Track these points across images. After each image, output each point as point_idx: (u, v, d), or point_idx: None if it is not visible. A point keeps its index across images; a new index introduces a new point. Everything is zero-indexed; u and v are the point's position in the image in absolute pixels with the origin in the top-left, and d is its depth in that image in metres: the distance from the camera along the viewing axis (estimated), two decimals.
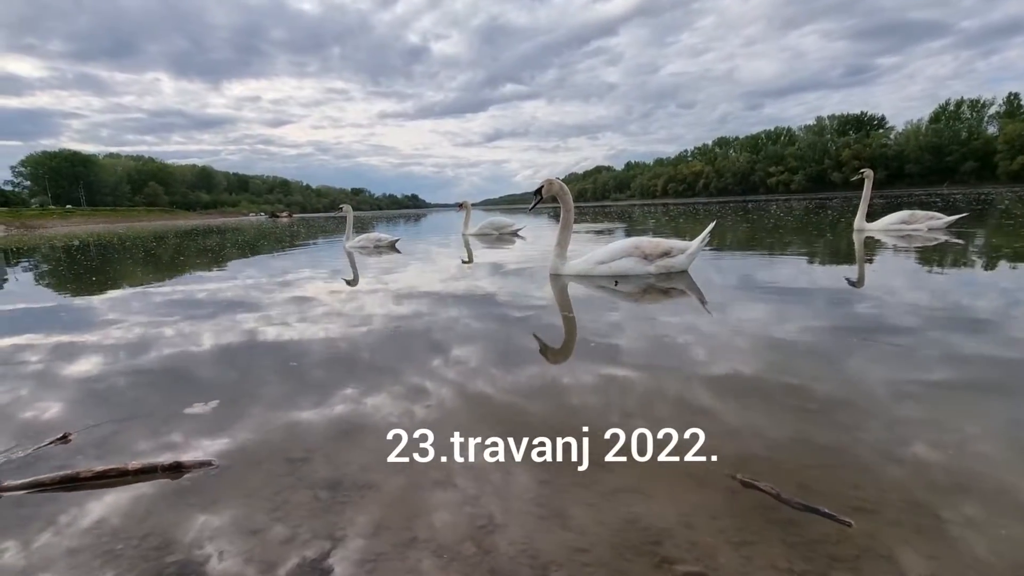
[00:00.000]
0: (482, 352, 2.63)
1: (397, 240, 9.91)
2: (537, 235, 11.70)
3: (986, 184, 65.92)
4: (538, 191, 4.90)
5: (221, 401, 2.11)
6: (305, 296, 4.57)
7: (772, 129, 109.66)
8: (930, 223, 8.59)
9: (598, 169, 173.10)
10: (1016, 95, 76.41)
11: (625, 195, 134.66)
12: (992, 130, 74.99)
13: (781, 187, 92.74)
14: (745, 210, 22.69)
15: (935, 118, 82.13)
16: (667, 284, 4.42)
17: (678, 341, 2.69)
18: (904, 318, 2.97)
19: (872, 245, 6.91)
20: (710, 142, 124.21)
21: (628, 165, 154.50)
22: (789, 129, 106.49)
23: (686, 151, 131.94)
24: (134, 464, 1.57)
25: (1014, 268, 4.77)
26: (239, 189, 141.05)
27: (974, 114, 79.72)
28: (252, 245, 13.11)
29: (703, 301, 3.72)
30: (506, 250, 8.46)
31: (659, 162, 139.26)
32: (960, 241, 6.96)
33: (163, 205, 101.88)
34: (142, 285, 5.97)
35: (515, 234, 11.71)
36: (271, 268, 7.21)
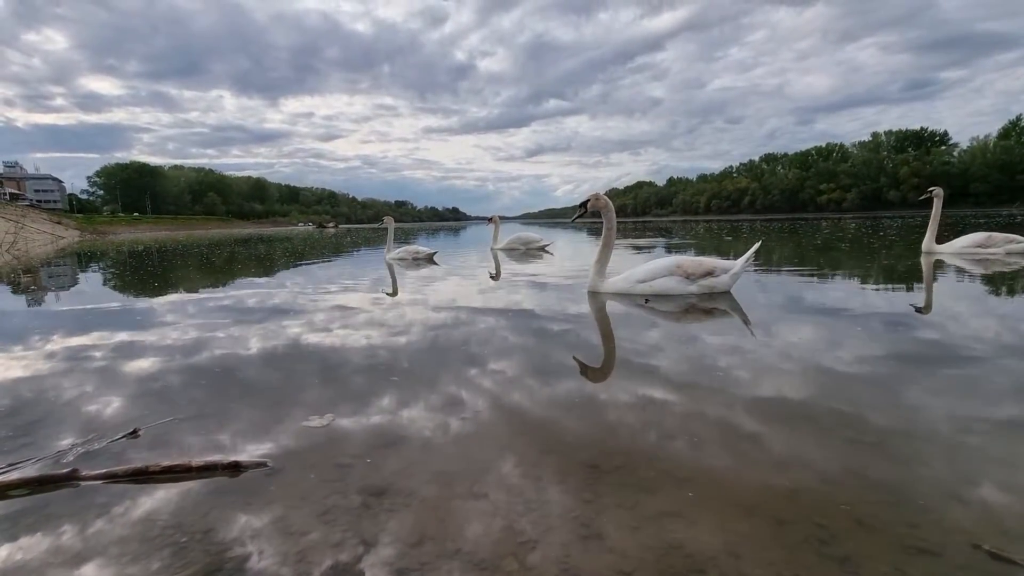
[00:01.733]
0: (518, 366, 2.64)
1: (435, 253, 10.09)
2: (565, 252, 11.58)
3: None
4: (584, 204, 4.90)
5: (272, 404, 2.20)
6: (348, 305, 4.72)
7: (824, 145, 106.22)
8: (1010, 247, 7.87)
9: (639, 184, 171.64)
10: None
11: (667, 211, 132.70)
12: None
13: (832, 205, 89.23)
14: (793, 228, 21.92)
15: (1004, 134, 77.41)
16: (710, 304, 4.31)
17: (723, 363, 2.62)
18: (973, 347, 2.79)
19: (943, 268, 6.45)
20: (757, 158, 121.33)
21: (670, 181, 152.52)
22: (842, 145, 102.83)
23: (731, 167, 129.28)
24: (197, 461, 1.66)
25: None
26: (290, 200, 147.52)
27: None
28: (300, 253, 13.64)
29: (747, 322, 3.61)
30: (537, 265, 8.45)
31: (702, 178, 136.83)
32: None
33: (220, 214, 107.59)
34: (198, 291, 6.29)
35: (543, 249, 11.68)
36: (317, 277, 7.48)
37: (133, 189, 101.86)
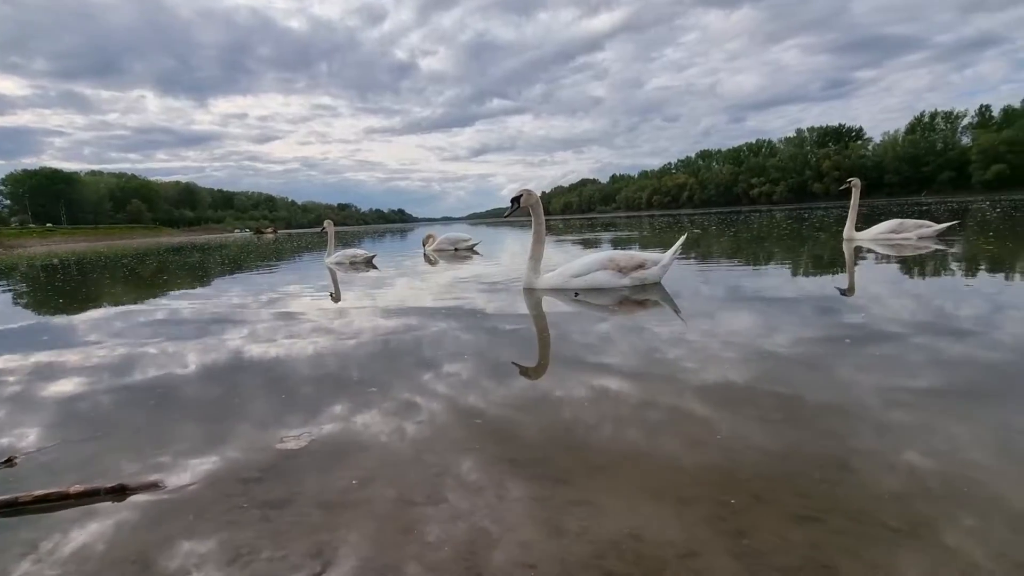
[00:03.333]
0: (462, 367, 2.62)
1: (373, 256, 9.86)
2: (494, 251, 11.70)
3: (961, 193, 67.67)
4: (516, 199, 4.89)
5: (199, 421, 2.08)
6: (291, 312, 4.53)
7: (754, 141, 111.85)
8: (919, 232, 8.62)
9: (583, 182, 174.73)
10: (988, 107, 78.85)
11: (611, 207, 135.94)
12: (966, 141, 77.18)
13: (763, 198, 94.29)
14: (729, 221, 23.01)
15: (911, 129, 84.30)
16: (642, 296, 4.47)
17: (662, 351, 2.71)
18: (896, 326, 3.02)
19: (861, 255, 6.95)
20: (693, 155, 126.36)
21: (614, 178, 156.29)
22: (770, 141, 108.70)
23: (670, 164, 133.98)
24: (76, 488, 1.53)
25: (998, 275, 4.89)
26: (224, 205, 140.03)
27: (948, 125, 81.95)
28: (238, 261, 12.99)
29: (677, 311, 3.78)
30: (470, 265, 8.45)
31: (644, 175, 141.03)
32: (949, 249, 7.03)
33: (146, 222, 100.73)
34: (125, 305, 5.86)
35: (472, 249, 11.73)
36: (258, 284, 7.15)
37: (45, 198, 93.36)
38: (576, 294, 4.61)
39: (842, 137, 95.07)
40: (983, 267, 5.42)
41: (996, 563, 1.10)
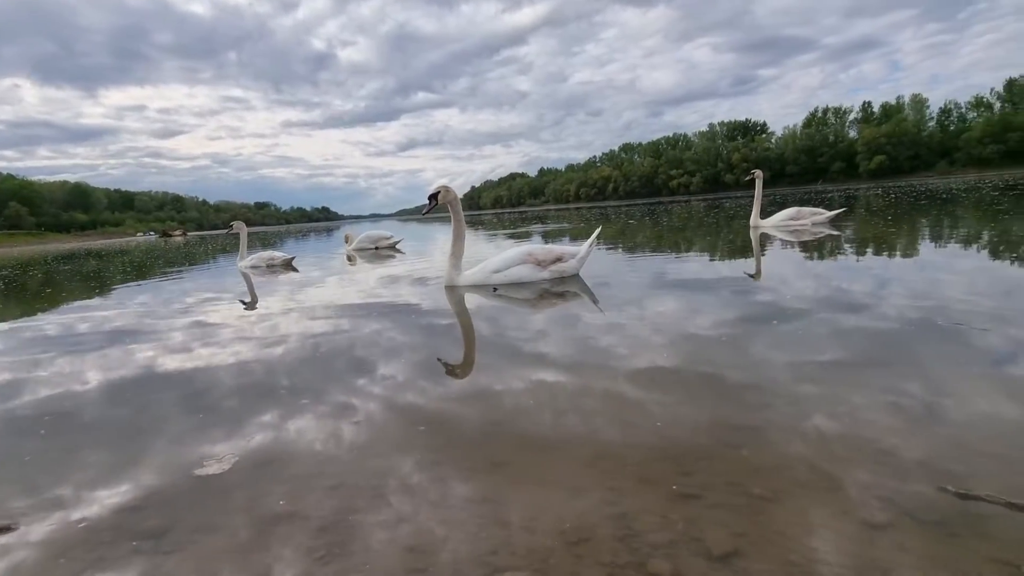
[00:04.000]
0: (398, 368, 2.57)
1: (293, 258, 9.40)
2: (428, 248, 11.64)
3: (851, 181, 75.00)
4: (434, 196, 4.85)
5: (99, 447, 1.89)
6: (208, 321, 4.22)
7: (671, 135, 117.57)
8: (814, 218, 9.48)
9: (512, 176, 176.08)
10: (869, 103, 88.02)
11: (540, 200, 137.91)
12: (853, 134, 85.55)
13: (682, 189, 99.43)
14: (652, 212, 24.08)
15: (807, 124, 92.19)
16: (561, 288, 4.61)
17: (592, 340, 2.79)
18: (798, 304, 3.29)
19: (767, 240, 7.55)
20: (616, 148, 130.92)
21: (542, 171, 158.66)
22: (686, 135, 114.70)
23: (595, 157, 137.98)
24: None
25: (882, 255, 5.46)
26: (123, 207, 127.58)
27: (838, 120, 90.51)
28: (143, 268, 11.90)
29: (595, 301, 3.93)
30: (399, 263, 8.33)
31: (570, 168, 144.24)
32: (838, 233, 7.81)
33: (28, 227, 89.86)
34: (6, 320, 5.20)
35: (394, 247, 11.61)
36: (168, 293, 6.59)
37: None
38: (495, 289, 4.67)
39: (749, 131, 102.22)
40: (869, 249, 6.04)
41: (885, 511, 1.23)
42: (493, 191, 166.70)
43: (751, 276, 4.63)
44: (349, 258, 10.08)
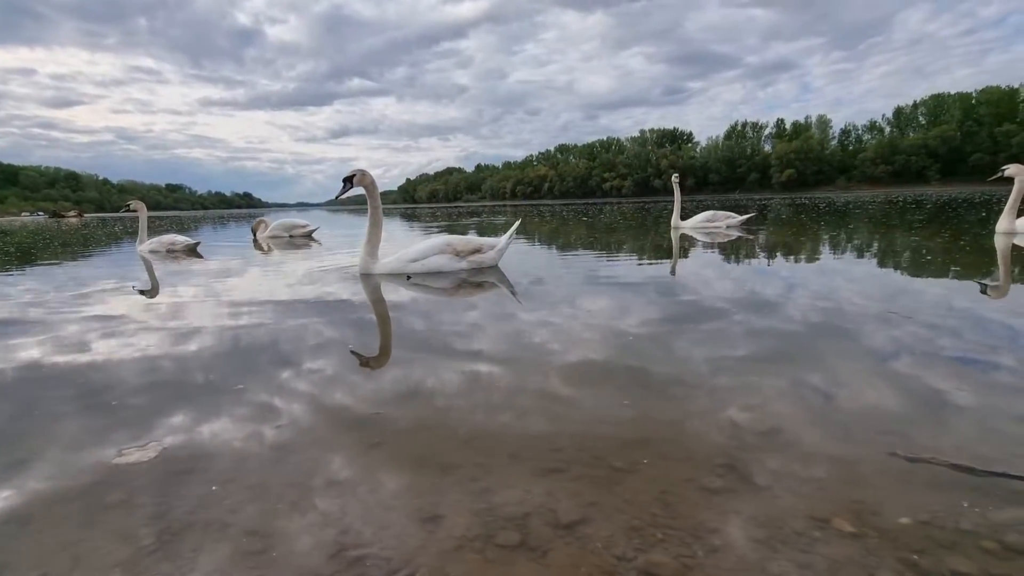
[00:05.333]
0: (325, 362, 2.48)
1: (198, 244, 8.80)
2: (341, 237, 11.46)
3: (765, 192, 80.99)
4: (349, 179, 4.75)
5: None
6: (110, 312, 3.84)
7: (605, 139, 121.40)
8: (727, 221, 10.38)
9: (449, 170, 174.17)
10: (782, 120, 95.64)
11: (477, 196, 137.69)
12: (768, 148, 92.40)
13: (614, 191, 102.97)
14: (586, 212, 24.73)
15: (728, 136, 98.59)
16: (480, 278, 4.70)
17: (516, 331, 2.83)
18: (719, 303, 3.50)
19: (687, 241, 8.10)
20: (553, 148, 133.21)
21: (479, 167, 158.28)
22: (619, 140, 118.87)
23: (532, 156, 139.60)
24: None
25: (789, 260, 5.94)
26: (5, 183, 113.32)
27: (755, 134, 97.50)
28: (29, 252, 10.61)
29: (514, 293, 4.05)
30: (311, 254, 8.07)
31: (507, 165, 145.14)
32: (751, 238, 8.52)
33: None
34: None
35: (310, 236, 11.28)
36: (58, 280, 5.92)
37: None
38: (409, 277, 4.66)
39: (676, 139, 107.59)
40: (779, 253, 6.56)
41: (724, 478, 1.34)
42: (429, 185, 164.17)
43: (672, 275, 4.93)
44: (259, 246, 9.60)
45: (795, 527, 1.20)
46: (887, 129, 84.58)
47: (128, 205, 9.33)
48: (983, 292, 3.79)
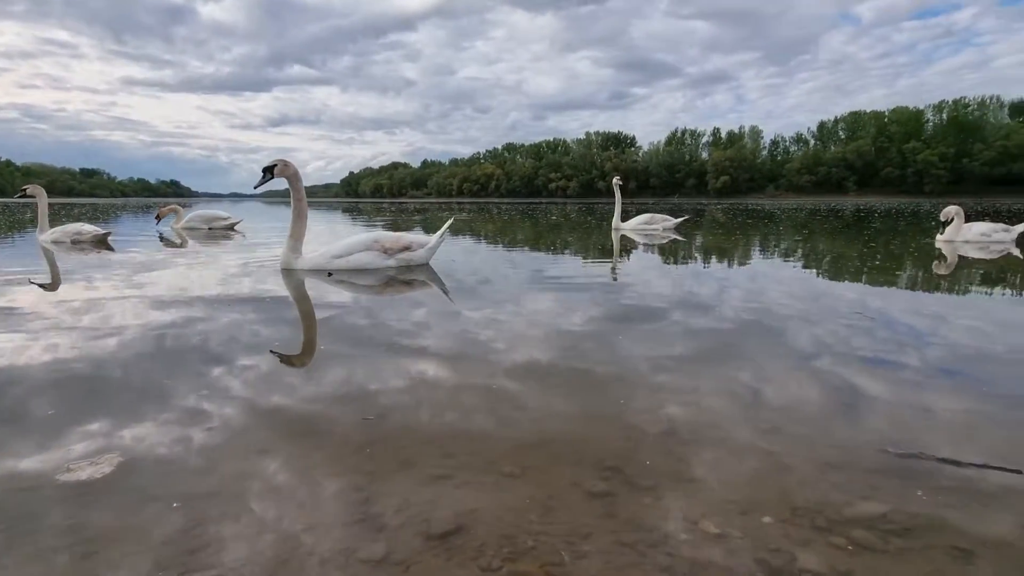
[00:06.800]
0: (258, 360, 2.37)
1: (108, 234, 8.16)
2: (273, 231, 11.08)
3: (702, 197, 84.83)
4: (270, 169, 4.56)
5: None
6: (12, 307, 3.49)
7: (552, 139, 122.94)
8: (664, 224, 10.92)
9: (395, 165, 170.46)
10: (719, 129, 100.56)
11: (422, 192, 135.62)
12: (705, 155, 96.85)
13: (560, 192, 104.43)
14: (532, 212, 24.95)
15: (669, 142, 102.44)
16: (409, 276, 4.66)
17: (469, 332, 2.82)
18: (658, 302, 3.63)
19: (628, 242, 8.38)
20: (500, 147, 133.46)
21: (425, 163, 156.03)
22: (565, 141, 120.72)
23: (479, 153, 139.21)
24: None
25: (723, 263, 6.26)
26: None
27: (693, 142, 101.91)
28: None
29: (446, 292, 4.04)
30: (233, 248, 7.73)
31: (454, 162, 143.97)
32: (683, 239, 8.96)
33: None
34: None
35: (231, 228, 10.84)
36: None
37: None
38: (330, 274, 4.54)
39: (620, 143, 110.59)
40: (713, 257, 6.90)
41: (608, 482, 1.41)
42: (373, 179, 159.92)
43: (612, 271, 5.10)
44: (164, 238, 9.02)
45: (667, 530, 1.20)
46: (812, 142, 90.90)
47: (24, 190, 8.28)
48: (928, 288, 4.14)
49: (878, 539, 1.17)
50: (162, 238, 9.05)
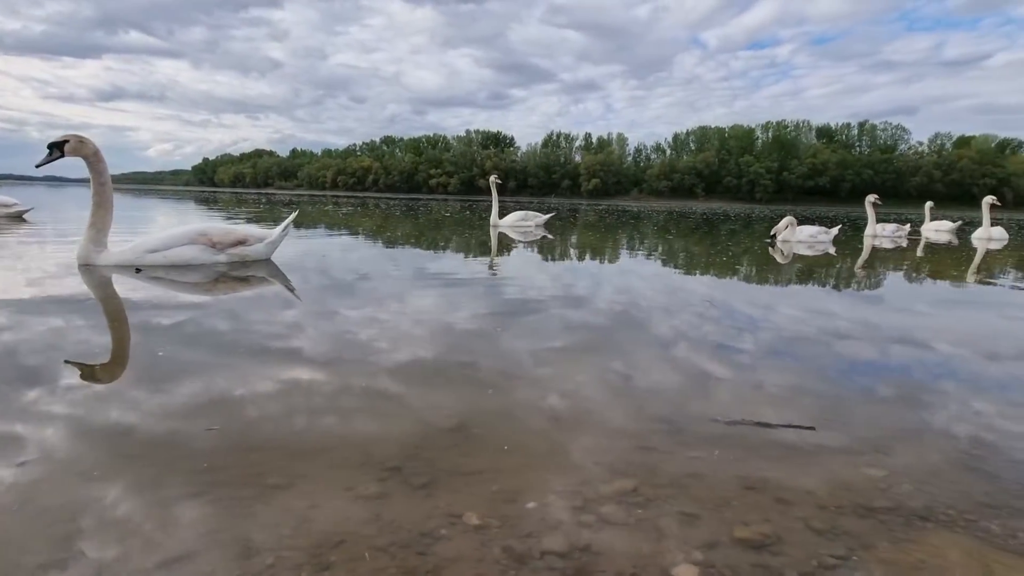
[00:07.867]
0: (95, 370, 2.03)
1: None
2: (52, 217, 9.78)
3: (575, 197, 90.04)
4: (58, 145, 3.91)
5: None
6: None
7: (432, 135, 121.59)
8: (536, 220, 11.65)
9: (259, 152, 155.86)
10: (590, 134, 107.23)
11: (292, 184, 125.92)
12: (578, 158, 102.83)
13: (441, 188, 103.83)
14: (412, 208, 24.48)
15: (545, 144, 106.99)
16: (244, 272, 4.32)
17: (349, 333, 2.70)
18: (535, 296, 3.77)
19: (505, 239, 8.66)
20: (379, 139, 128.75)
21: (294, 152, 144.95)
22: (445, 137, 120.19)
23: (355, 145, 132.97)
24: None
25: (595, 260, 6.70)
26: None
27: (567, 145, 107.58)
28: None
29: (291, 289, 3.80)
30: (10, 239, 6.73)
31: (328, 153, 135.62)
32: (554, 237, 9.51)
33: None
34: None
35: (19, 217, 9.42)
36: None
37: None
38: (138, 270, 4.06)
39: (500, 142, 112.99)
40: (587, 254, 7.37)
41: (380, 484, 1.51)
42: (234, 166, 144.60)
43: (490, 268, 5.26)
44: None
45: (426, 527, 1.17)
46: (668, 151, 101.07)
47: None
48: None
49: (625, 512, 1.29)
50: None
